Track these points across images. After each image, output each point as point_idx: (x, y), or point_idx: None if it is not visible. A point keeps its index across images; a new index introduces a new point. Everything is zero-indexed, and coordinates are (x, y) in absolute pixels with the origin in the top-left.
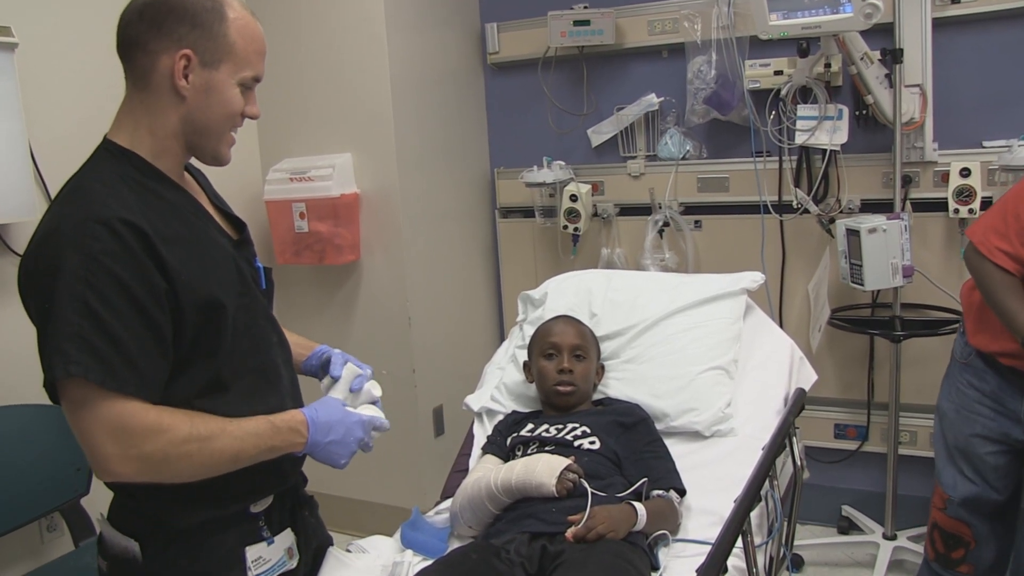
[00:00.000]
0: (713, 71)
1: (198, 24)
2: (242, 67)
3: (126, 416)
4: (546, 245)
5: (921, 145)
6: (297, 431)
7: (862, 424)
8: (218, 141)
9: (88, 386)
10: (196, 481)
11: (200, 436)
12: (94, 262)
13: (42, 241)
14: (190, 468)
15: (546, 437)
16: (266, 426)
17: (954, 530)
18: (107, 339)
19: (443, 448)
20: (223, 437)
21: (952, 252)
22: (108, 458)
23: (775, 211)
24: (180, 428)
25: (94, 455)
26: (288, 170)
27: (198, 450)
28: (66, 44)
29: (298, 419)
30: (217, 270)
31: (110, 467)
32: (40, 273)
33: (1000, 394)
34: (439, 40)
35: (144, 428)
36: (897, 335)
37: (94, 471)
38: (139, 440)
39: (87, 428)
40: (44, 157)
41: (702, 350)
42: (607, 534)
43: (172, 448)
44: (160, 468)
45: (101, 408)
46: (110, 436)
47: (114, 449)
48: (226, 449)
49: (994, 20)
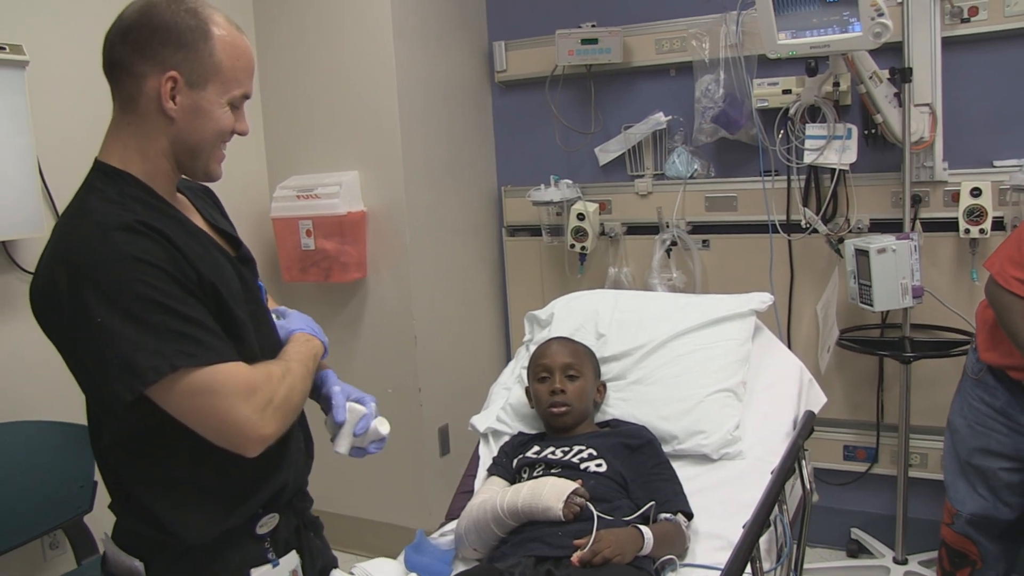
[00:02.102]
0: (721, 90)
1: (183, 45)
2: (230, 86)
3: (237, 376)
4: (553, 264)
5: (931, 164)
6: (306, 339)
7: (871, 446)
8: (208, 159)
9: (194, 372)
10: (198, 486)
11: (283, 370)
12: (137, 262)
13: (71, 268)
14: (298, 395)
15: (552, 459)
16: (293, 348)
17: (960, 547)
18: (189, 323)
19: (448, 467)
20: (291, 363)
21: (962, 273)
22: (253, 423)
23: (783, 231)
24: (270, 369)
25: (239, 427)
26: (295, 187)
27: (293, 380)
28: (75, 62)
29: (295, 336)
30: (226, 277)
31: (259, 430)
32: (86, 299)
33: (1010, 410)
34: (447, 58)
35: (257, 380)
36: (907, 356)
37: (241, 447)
38: (264, 392)
39: (218, 407)
40: (52, 174)
41: (710, 372)
42: (613, 558)
43: (281, 386)
44: (286, 409)
45: (216, 382)
46: (243, 401)
47: (252, 412)
48: (300, 373)
49: (1004, 39)
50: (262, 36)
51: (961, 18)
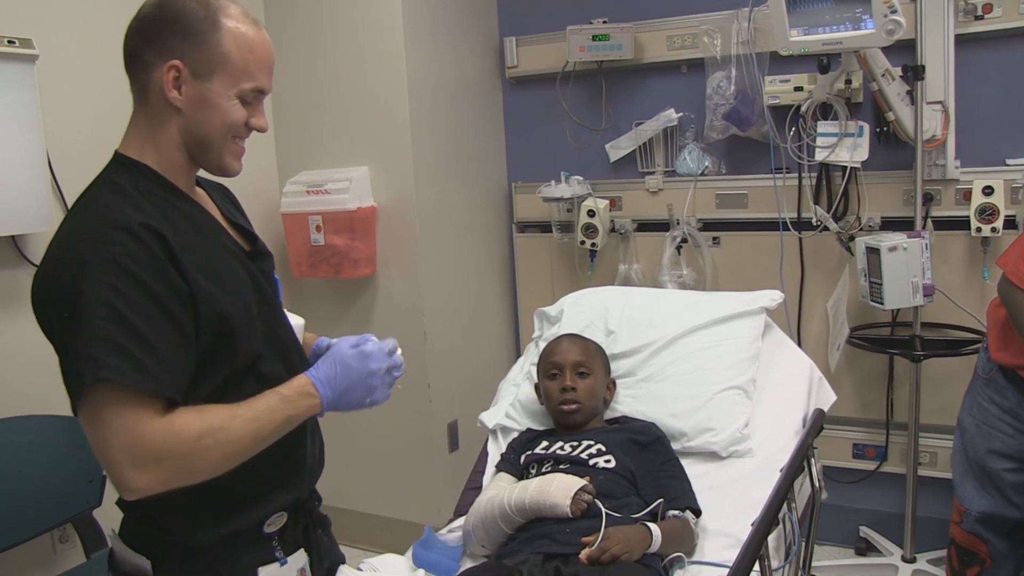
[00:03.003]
0: (732, 87)
1: (190, 35)
2: (239, 79)
3: (139, 428)
4: (563, 260)
5: (943, 163)
6: (307, 394)
7: (881, 444)
8: (220, 152)
9: (114, 391)
10: (209, 494)
11: (212, 428)
12: (118, 267)
13: (62, 252)
14: (213, 462)
15: (561, 455)
16: (276, 400)
17: (970, 545)
18: (137, 342)
19: (457, 463)
20: (236, 422)
21: (974, 271)
22: (122, 469)
23: (794, 228)
24: (191, 427)
25: (109, 467)
26: (305, 183)
27: (215, 443)
28: (85, 56)
29: (304, 383)
30: (232, 280)
31: (127, 481)
32: (62, 284)
33: (1019, 411)
34: (457, 54)
35: (153, 431)
36: (917, 355)
37: (116, 489)
38: (154, 451)
39: (104, 440)
40: (62, 168)
41: (720, 369)
42: (621, 556)
43: (188, 447)
44: (180, 472)
45: (119, 418)
46: (124, 450)
47: (126, 459)
48: (244, 434)
49: (1018, 37)
50: (273, 31)
51: (975, 15)
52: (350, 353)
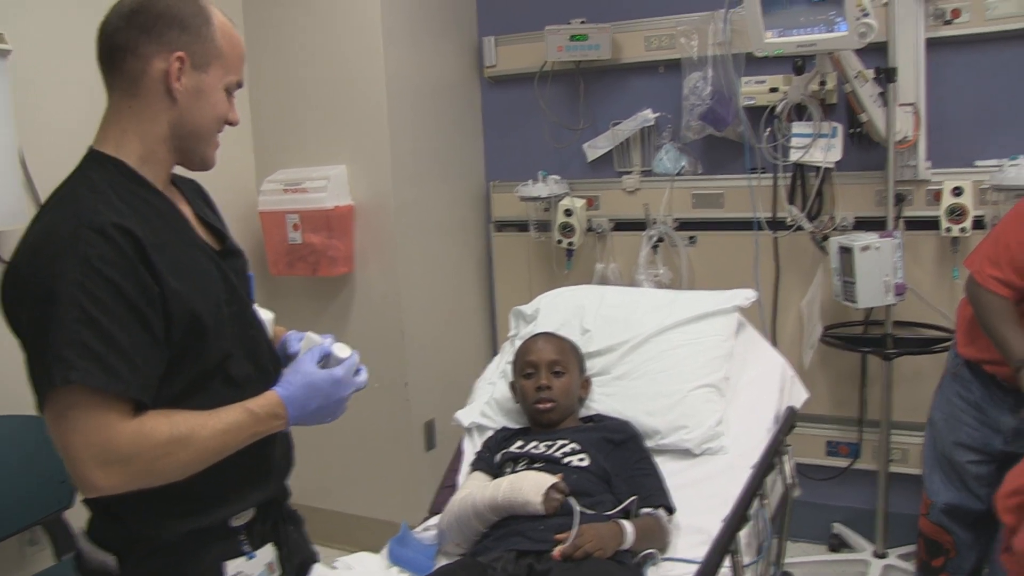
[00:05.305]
0: (709, 87)
1: (187, 28)
2: (229, 71)
3: (108, 430)
4: (540, 259)
5: (914, 164)
6: (275, 415)
7: (854, 441)
8: (207, 145)
9: (83, 392)
10: (176, 492)
11: (180, 436)
12: (89, 268)
13: (34, 250)
14: (176, 468)
15: (535, 454)
16: (244, 415)
17: (935, 536)
18: (107, 344)
19: (434, 462)
20: (203, 432)
21: (944, 270)
22: (87, 469)
23: (769, 228)
24: (160, 431)
25: (73, 465)
26: (282, 181)
27: (182, 449)
28: (58, 50)
29: (274, 401)
30: (203, 279)
31: (91, 479)
32: (34, 283)
33: (983, 404)
34: (436, 52)
35: (121, 434)
36: (889, 353)
37: (78, 487)
38: (122, 452)
39: (70, 439)
40: (35, 164)
41: (694, 367)
42: (594, 552)
43: (155, 451)
44: (145, 475)
45: (88, 420)
46: (90, 449)
47: (91, 458)
48: (210, 444)
49: (987, 41)
50: (250, 28)
51: (944, 20)
52: (321, 376)
